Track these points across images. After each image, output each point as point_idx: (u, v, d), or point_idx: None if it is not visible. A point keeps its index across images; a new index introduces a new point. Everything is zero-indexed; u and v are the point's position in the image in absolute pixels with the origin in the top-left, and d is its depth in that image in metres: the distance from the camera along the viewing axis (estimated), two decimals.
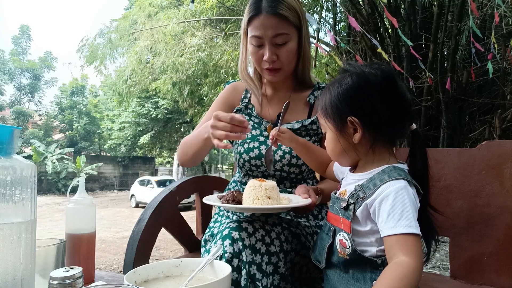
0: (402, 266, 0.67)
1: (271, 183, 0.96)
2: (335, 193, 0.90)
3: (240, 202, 0.96)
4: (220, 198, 1.01)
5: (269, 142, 1.03)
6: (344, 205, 0.81)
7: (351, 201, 0.80)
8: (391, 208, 0.72)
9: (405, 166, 0.83)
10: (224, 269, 0.72)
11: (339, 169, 0.97)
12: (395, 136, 0.85)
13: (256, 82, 1.26)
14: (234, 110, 1.29)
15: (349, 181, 0.87)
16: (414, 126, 0.85)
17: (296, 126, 1.19)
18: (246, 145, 1.21)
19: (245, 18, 1.15)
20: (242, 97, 1.31)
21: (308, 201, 0.95)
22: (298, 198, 1.01)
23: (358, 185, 0.81)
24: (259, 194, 0.93)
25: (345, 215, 0.81)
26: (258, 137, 1.21)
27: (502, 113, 3.51)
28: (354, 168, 0.90)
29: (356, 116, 0.80)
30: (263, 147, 1.18)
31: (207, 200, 1.00)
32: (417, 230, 0.70)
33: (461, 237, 1.20)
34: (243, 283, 0.85)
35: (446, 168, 1.25)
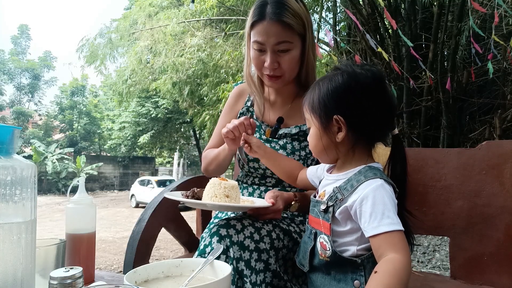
0: (393, 263, 0.68)
1: (232, 183, 0.96)
2: (314, 196, 0.90)
3: (200, 199, 0.97)
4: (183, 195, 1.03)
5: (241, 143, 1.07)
6: (323, 207, 0.81)
7: (330, 203, 0.81)
8: (372, 208, 0.73)
9: (379, 165, 0.84)
10: (224, 269, 0.72)
11: (314, 175, 0.98)
12: (376, 139, 0.86)
13: (258, 87, 1.25)
14: (238, 115, 1.29)
15: (327, 182, 0.88)
16: (396, 131, 0.85)
17: (294, 131, 1.18)
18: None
19: (248, 23, 1.13)
20: (246, 100, 1.31)
21: (265, 204, 0.95)
22: (263, 201, 1.01)
23: (336, 187, 0.82)
24: (218, 192, 0.94)
25: (325, 217, 0.81)
26: None
27: (502, 113, 3.52)
28: (332, 168, 0.91)
29: (342, 115, 0.80)
30: None
31: (169, 194, 1.01)
32: (401, 226, 0.71)
33: (461, 237, 1.20)
34: None
35: (446, 168, 1.25)
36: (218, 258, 0.86)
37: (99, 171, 23.19)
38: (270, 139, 1.20)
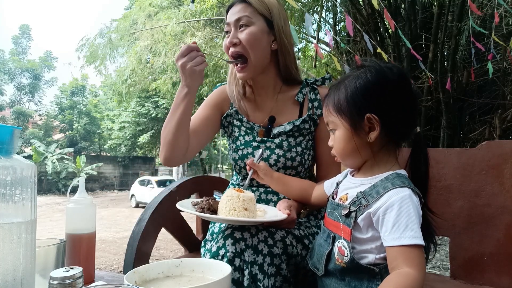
0: (406, 277, 0.66)
1: (249, 195, 0.94)
2: (334, 198, 0.87)
3: (215, 211, 0.94)
4: (195, 205, 0.98)
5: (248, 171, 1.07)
6: (345, 212, 0.79)
7: (353, 208, 0.78)
8: (396, 218, 0.71)
9: (406, 173, 0.82)
10: (224, 269, 0.72)
11: (331, 185, 0.96)
12: (404, 137, 0.84)
13: (239, 83, 1.24)
14: (225, 115, 1.26)
15: (350, 185, 0.85)
16: (418, 128, 0.84)
17: (288, 127, 1.17)
18: (240, 152, 1.20)
19: (225, 14, 1.21)
20: (232, 102, 1.28)
21: (283, 216, 0.94)
22: (275, 211, 1.00)
23: (360, 192, 0.79)
24: (236, 205, 0.91)
25: (346, 222, 0.79)
26: (251, 143, 1.19)
27: (502, 113, 3.52)
28: (355, 171, 0.89)
29: (375, 113, 0.77)
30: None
31: (181, 206, 0.96)
32: (422, 241, 0.70)
33: (461, 237, 1.19)
34: (245, 283, 0.85)
35: (446, 168, 1.25)
36: (232, 261, 0.85)
37: (99, 171, 23.18)
38: (265, 139, 1.18)
